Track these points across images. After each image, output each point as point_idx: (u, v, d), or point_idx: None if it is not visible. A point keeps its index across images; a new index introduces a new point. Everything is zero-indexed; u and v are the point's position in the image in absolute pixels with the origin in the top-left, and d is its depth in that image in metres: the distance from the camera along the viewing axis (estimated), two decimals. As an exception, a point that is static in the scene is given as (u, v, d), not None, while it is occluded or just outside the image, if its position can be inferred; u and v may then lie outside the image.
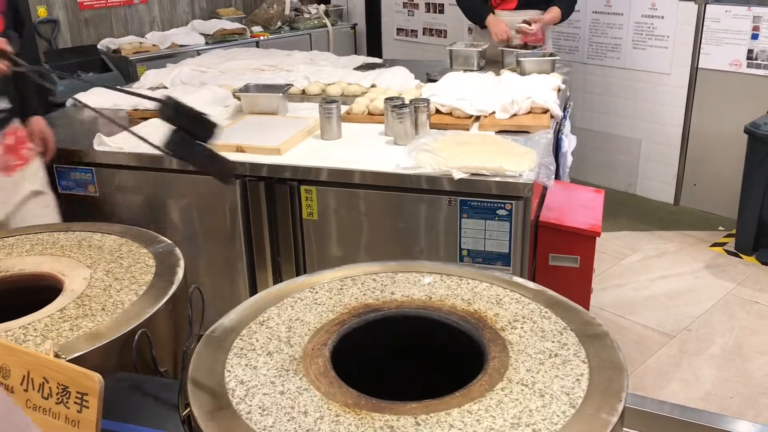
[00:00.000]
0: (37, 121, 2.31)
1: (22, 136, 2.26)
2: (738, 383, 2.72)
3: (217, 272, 2.43)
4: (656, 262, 3.72)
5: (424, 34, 5.57)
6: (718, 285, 3.45)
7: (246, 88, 2.83)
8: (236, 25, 5.03)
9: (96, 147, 2.39)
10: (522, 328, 1.14)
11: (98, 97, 2.99)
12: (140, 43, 4.57)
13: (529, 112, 2.54)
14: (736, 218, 3.81)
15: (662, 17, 4.23)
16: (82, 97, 2.99)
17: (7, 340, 1.07)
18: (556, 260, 2.38)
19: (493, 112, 2.54)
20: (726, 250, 3.81)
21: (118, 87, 1.68)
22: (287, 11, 5.35)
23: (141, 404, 1.01)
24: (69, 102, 3.02)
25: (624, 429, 1.01)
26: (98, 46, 4.53)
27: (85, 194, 2.45)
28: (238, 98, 2.82)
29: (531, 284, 1.28)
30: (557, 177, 2.76)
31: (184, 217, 2.40)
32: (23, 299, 1.31)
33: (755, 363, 2.84)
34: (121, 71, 4.32)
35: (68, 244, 1.47)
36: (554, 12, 3.58)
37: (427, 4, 5.44)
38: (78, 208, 2.46)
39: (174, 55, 4.41)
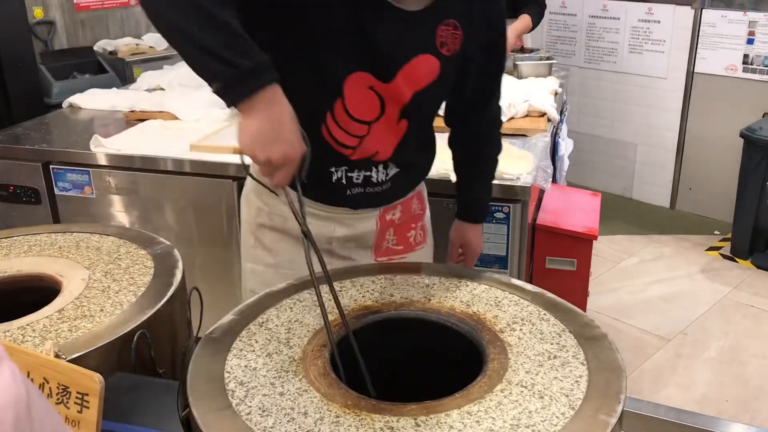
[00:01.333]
0: (462, 230, 1.69)
1: (412, 212, 1.58)
2: (734, 387, 2.73)
3: (215, 274, 2.43)
4: (652, 265, 3.73)
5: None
6: (713, 289, 3.46)
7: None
8: (233, 28, 5.02)
9: (93, 148, 2.39)
10: (521, 329, 1.15)
11: (94, 98, 2.99)
12: (137, 44, 4.56)
13: (527, 116, 2.55)
14: (731, 222, 3.83)
15: (658, 22, 4.25)
16: (78, 98, 2.99)
17: (6, 340, 1.07)
18: (553, 263, 2.38)
19: (491, 116, 2.54)
20: (722, 254, 3.82)
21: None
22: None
23: (140, 405, 1.01)
24: (65, 103, 3.01)
25: None
26: (94, 48, 4.52)
27: (81, 195, 2.44)
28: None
29: (530, 286, 1.29)
30: (554, 180, 2.76)
31: (181, 218, 2.39)
32: (21, 300, 1.31)
33: (751, 366, 2.85)
34: (117, 73, 4.31)
35: (66, 245, 1.46)
36: (525, 20, 3.43)
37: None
38: (74, 210, 2.46)
39: (171, 57, 4.39)
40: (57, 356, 0.91)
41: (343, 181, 1.40)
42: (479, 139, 1.62)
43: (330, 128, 1.34)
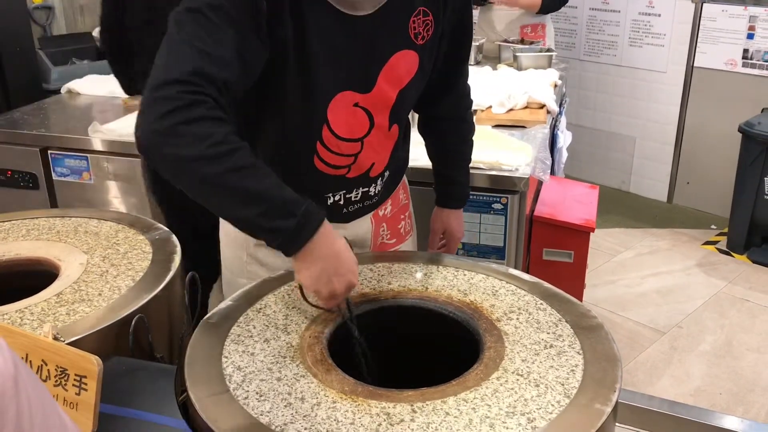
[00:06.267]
0: (443, 217, 1.66)
1: (399, 203, 1.59)
2: (728, 380, 2.75)
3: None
4: (649, 259, 3.74)
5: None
6: (709, 283, 3.48)
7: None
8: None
9: (91, 134, 2.39)
10: (517, 319, 1.15)
11: (93, 84, 2.98)
12: (136, 31, 4.55)
13: (526, 107, 2.55)
14: (728, 217, 3.84)
15: (659, 15, 4.25)
16: (76, 84, 2.98)
17: (4, 323, 1.07)
18: (550, 255, 2.39)
19: (490, 107, 2.54)
20: (718, 249, 3.83)
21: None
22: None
23: (138, 389, 1.01)
24: (63, 89, 3.00)
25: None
26: (93, 34, 4.49)
27: (79, 181, 2.44)
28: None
29: (527, 276, 1.29)
30: (552, 172, 2.76)
31: (179, 205, 2.39)
32: (19, 284, 1.31)
33: (745, 360, 2.87)
34: (116, 59, 4.30)
35: (64, 230, 1.46)
36: None
37: None
38: (72, 195, 2.46)
39: (170, 44, 4.38)
40: (55, 339, 0.91)
41: (341, 202, 1.40)
42: (452, 121, 1.58)
43: (322, 156, 1.31)
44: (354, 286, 1.14)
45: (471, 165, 1.76)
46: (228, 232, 1.48)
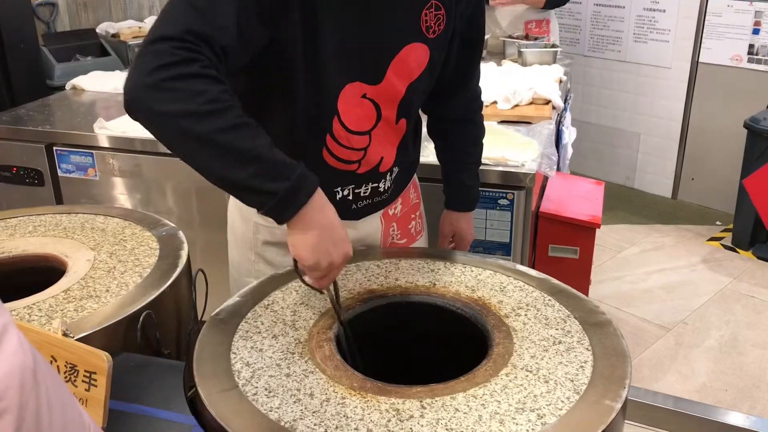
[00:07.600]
0: (453, 220, 1.65)
1: (410, 202, 1.57)
2: (733, 376, 2.74)
3: (216, 258, 2.42)
4: (653, 255, 3.73)
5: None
6: (714, 279, 3.47)
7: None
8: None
9: (96, 130, 2.38)
10: (526, 315, 1.15)
11: (97, 81, 2.98)
12: (139, 27, 4.55)
13: (531, 103, 2.54)
14: (733, 213, 3.83)
15: (664, 11, 4.23)
16: (81, 80, 2.98)
17: (13, 318, 1.07)
18: (555, 251, 2.38)
19: (495, 102, 2.54)
20: (723, 245, 3.83)
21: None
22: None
23: (146, 385, 1.01)
24: (68, 85, 3.00)
25: (625, 417, 1.02)
26: (97, 30, 4.51)
27: (85, 178, 2.44)
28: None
29: (534, 272, 1.29)
30: (557, 169, 2.76)
31: (183, 201, 2.39)
32: (26, 280, 1.31)
33: (750, 356, 2.86)
34: (120, 56, 4.30)
35: (71, 226, 1.46)
36: None
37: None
38: (78, 192, 2.46)
39: (173, 41, 4.37)
40: (65, 335, 0.91)
41: (350, 198, 1.37)
42: (462, 122, 1.56)
43: (332, 149, 1.29)
44: (350, 256, 1.10)
45: (476, 161, 1.75)
46: (235, 232, 1.47)
